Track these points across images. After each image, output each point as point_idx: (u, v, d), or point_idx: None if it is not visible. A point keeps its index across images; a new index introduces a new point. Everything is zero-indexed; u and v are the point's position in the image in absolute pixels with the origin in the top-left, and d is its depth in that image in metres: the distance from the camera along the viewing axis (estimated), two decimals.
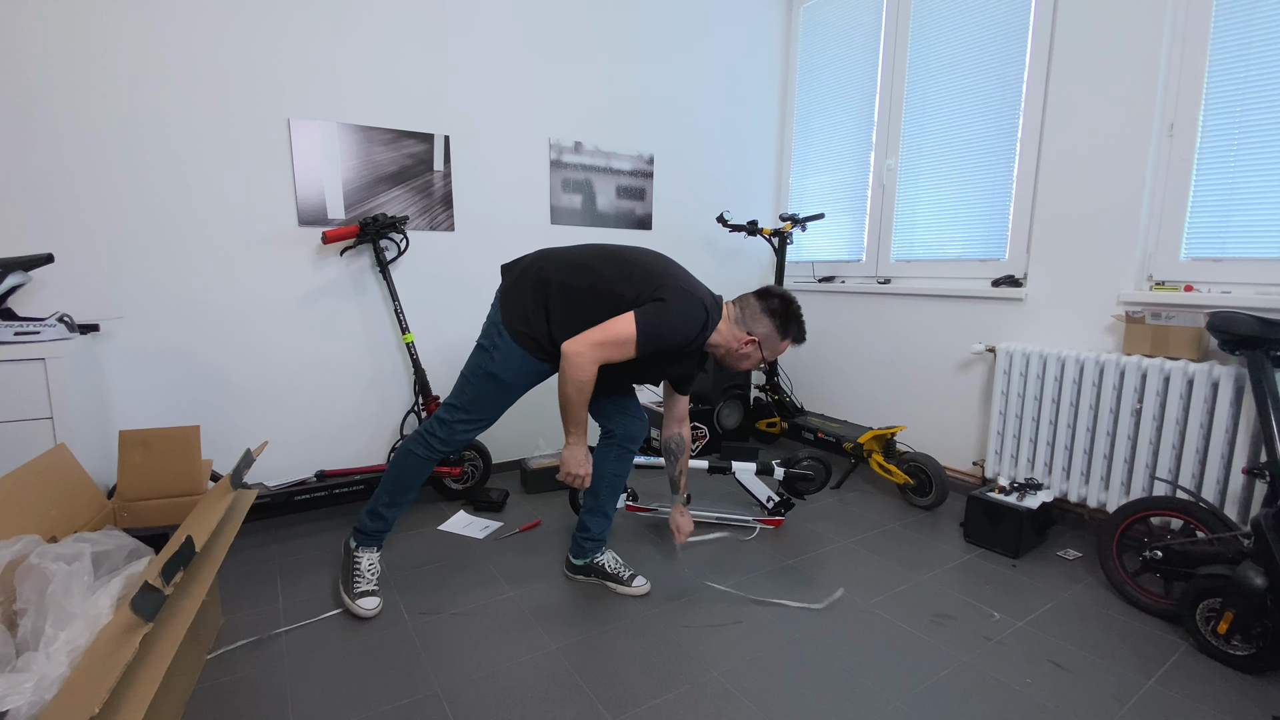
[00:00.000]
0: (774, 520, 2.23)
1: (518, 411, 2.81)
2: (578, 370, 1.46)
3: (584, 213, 2.83)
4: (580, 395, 1.48)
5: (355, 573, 1.70)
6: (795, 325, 1.63)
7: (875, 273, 2.95)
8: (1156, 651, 1.55)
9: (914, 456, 2.45)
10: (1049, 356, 2.18)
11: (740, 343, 1.62)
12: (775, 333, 1.63)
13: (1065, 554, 2.06)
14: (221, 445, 2.22)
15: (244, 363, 2.22)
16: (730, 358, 1.65)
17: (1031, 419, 2.25)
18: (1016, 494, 2.11)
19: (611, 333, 1.46)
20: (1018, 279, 2.38)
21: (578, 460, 1.56)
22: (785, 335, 1.64)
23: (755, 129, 3.29)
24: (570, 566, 1.87)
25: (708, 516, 2.24)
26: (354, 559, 1.73)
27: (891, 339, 2.84)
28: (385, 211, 2.38)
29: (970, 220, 2.55)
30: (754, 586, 1.82)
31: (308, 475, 2.37)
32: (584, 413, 1.52)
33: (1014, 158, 2.37)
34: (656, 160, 2.99)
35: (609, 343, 1.45)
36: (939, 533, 2.22)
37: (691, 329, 1.51)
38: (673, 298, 1.49)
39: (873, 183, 2.93)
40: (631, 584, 1.78)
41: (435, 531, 2.18)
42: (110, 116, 1.93)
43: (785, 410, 3.02)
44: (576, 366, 1.45)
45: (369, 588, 1.68)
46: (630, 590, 1.78)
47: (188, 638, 1.32)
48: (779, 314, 1.62)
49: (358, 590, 1.67)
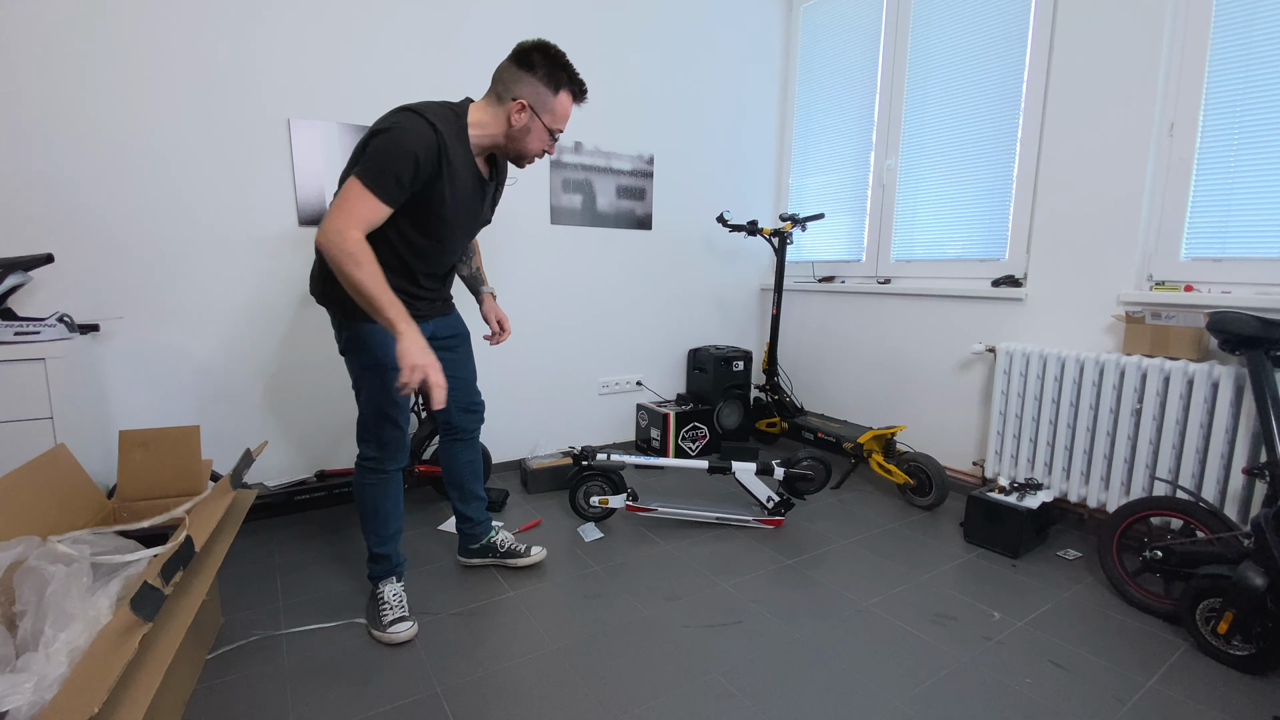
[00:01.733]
0: (774, 520, 2.23)
1: (518, 411, 2.81)
2: (340, 244, 1.23)
3: (584, 213, 2.83)
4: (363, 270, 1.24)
5: (381, 606, 1.60)
6: (564, 72, 1.38)
7: (875, 272, 2.95)
8: (1156, 651, 1.55)
9: (914, 456, 2.45)
10: (1049, 356, 2.18)
11: (509, 117, 1.38)
12: (544, 87, 1.38)
13: (1065, 554, 2.06)
14: (221, 445, 2.21)
15: (244, 363, 2.22)
16: (511, 144, 1.42)
17: (1031, 419, 2.25)
18: (1016, 494, 2.11)
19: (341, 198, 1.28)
20: (1018, 279, 2.38)
21: (412, 351, 1.24)
22: (557, 87, 1.39)
23: (755, 129, 3.29)
24: (465, 552, 1.90)
25: (707, 516, 2.24)
26: (376, 595, 1.64)
27: (891, 339, 2.84)
28: None
29: (970, 220, 2.55)
30: (753, 588, 1.82)
31: (308, 475, 2.37)
32: (384, 289, 1.26)
33: (1014, 157, 2.37)
34: (657, 160, 2.99)
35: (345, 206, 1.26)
36: (939, 533, 2.22)
37: (415, 133, 1.29)
38: (376, 128, 1.30)
39: (873, 182, 2.93)
40: (530, 554, 1.86)
41: (435, 532, 2.18)
42: (110, 115, 1.93)
43: (785, 410, 3.02)
44: (334, 244, 1.24)
45: (398, 615, 1.57)
46: (530, 560, 1.84)
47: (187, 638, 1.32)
48: (540, 65, 1.37)
49: (386, 620, 1.56)
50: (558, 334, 2.87)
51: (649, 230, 3.03)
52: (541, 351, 2.84)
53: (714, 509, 2.26)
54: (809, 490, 2.34)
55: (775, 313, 3.04)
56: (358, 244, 1.25)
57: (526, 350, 2.80)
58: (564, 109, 1.43)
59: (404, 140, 1.29)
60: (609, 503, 2.21)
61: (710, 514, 2.24)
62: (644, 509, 2.24)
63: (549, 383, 2.88)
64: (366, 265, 1.25)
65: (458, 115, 1.39)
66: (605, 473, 2.23)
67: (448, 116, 1.37)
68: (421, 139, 1.30)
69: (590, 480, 2.23)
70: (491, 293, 1.80)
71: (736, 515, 2.23)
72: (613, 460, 2.23)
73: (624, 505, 2.22)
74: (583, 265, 2.88)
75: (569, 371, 2.93)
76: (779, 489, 2.31)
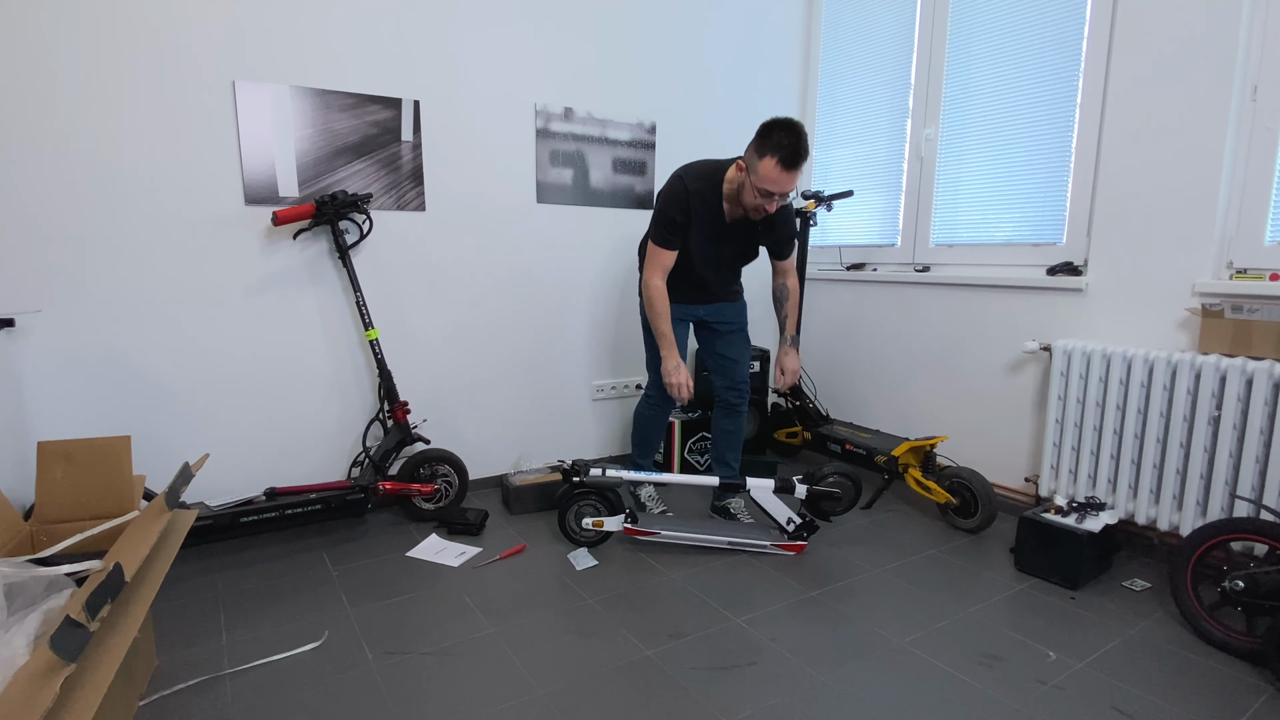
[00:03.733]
0: (795, 546, 2.23)
1: (498, 419, 2.81)
2: (643, 289, 2.19)
3: (575, 189, 2.83)
4: (654, 310, 2.15)
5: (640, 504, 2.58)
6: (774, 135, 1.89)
7: (912, 259, 2.95)
8: (1237, 697, 1.55)
9: (957, 472, 2.45)
10: (1113, 356, 2.18)
11: (738, 176, 2.03)
12: (754, 152, 1.93)
13: (1132, 584, 2.06)
14: (156, 458, 2.22)
15: (182, 364, 2.22)
16: (741, 197, 2.06)
17: (1093, 428, 2.25)
18: (1075, 515, 2.11)
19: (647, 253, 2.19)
20: (1077, 266, 2.38)
21: (668, 370, 2.15)
22: (762, 151, 1.91)
23: (773, 93, 3.30)
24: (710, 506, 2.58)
25: (718, 541, 2.24)
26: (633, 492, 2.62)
27: (931, 336, 2.84)
28: (345, 189, 2.38)
29: (1022, 199, 2.55)
30: (770, 623, 1.82)
31: (255, 493, 2.37)
32: (663, 325, 2.15)
33: (1073, 125, 2.37)
34: (659, 129, 2.99)
35: (648, 258, 2.17)
36: (986, 559, 2.22)
37: (671, 191, 2.11)
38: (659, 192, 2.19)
39: (909, 155, 2.94)
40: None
41: (403, 559, 2.18)
42: (25, 79, 1.93)
43: (808, 418, 3.02)
44: (642, 286, 2.20)
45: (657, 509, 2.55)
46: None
47: (117, 680, 1.32)
48: (760, 132, 1.93)
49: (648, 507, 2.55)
50: (544, 330, 2.87)
51: (650, 210, 3.03)
52: (525, 350, 2.84)
53: (726, 533, 2.26)
54: (836, 511, 2.34)
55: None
56: (651, 285, 2.17)
57: (508, 348, 2.80)
58: (771, 174, 1.93)
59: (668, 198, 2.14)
60: (604, 525, 2.21)
61: (721, 538, 2.24)
62: (644, 532, 2.24)
63: (535, 386, 2.88)
64: (658, 305, 2.16)
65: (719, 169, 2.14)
66: (599, 491, 2.23)
67: (705, 173, 2.13)
68: (676, 192, 2.12)
69: (582, 500, 2.23)
70: (787, 345, 2.35)
71: (752, 540, 2.23)
72: (609, 476, 2.23)
73: (621, 528, 2.22)
74: (573, 250, 2.88)
75: (558, 373, 2.93)
76: (801, 510, 2.32)
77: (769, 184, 1.94)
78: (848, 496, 2.33)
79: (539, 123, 2.71)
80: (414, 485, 2.42)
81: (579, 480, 2.22)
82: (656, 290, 2.14)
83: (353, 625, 1.78)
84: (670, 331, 2.16)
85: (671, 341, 2.15)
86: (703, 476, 2.26)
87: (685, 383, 2.13)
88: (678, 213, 2.11)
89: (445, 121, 2.53)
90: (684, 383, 2.13)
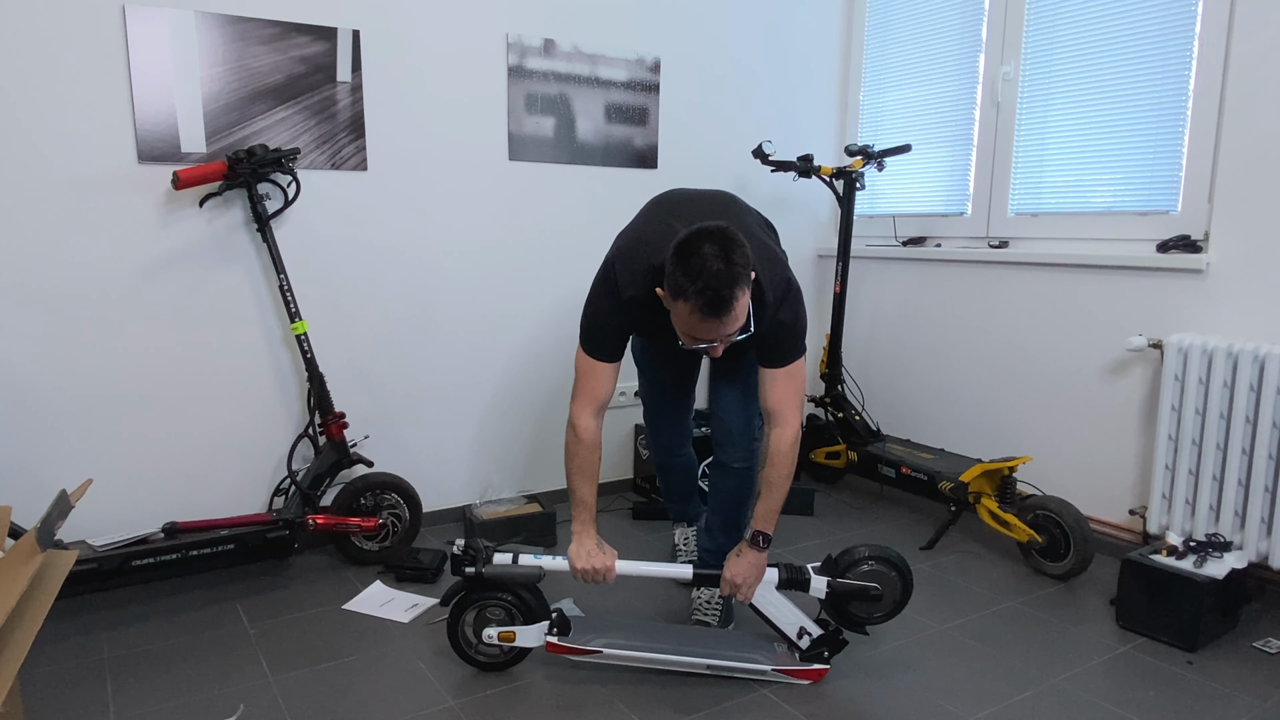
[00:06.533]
0: (811, 672, 1.88)
1: (460, 438, 2.81)
2: (567, 429, 1.91)
3: (558, 144, 2.83)
4: (571, 459, 1.89)
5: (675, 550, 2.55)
6: (689, 267, 1.55)
7: (986, 232, 2.95)
8: None
9: (1043, 502, 2.45)
10: (1241, 354, 2.18)
11: (667, 298, 1.66)
12: (669, 283, 1.61)
13: (1266, 645, 2.05)
14: (25, 485, 2.21)
15: (57, 365, 2.21)
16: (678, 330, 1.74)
17: (1215, 447, 2.25)
18: (1194, 557, 2.10)
19: (575, 365, 1.92)
20: (1196, 241, 2.38)
21: (579, 555, 1.84)
22: (675, 290, 1.60)
23: (809, 19, 3.30)
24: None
25: (693, 664, 1.87)
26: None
27: (1009, 329, 2.84)
28: (265, 142, 2.37)
29: (1126, 156, 2.55)
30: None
31: (152, 530, 2.36)
32: (582, 486, 1.89)
33: (1189, 67, 2.37)
34: (664, 67, 2.98)
35: (576, 376, 1.90)
36: (1080, 613, 2.22)
37: (603, 282, 1.84)
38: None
39: (982, 101, 2.93)
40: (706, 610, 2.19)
41: (339, 612, 2.17)
42: None
43: (853, 434, 3.01)
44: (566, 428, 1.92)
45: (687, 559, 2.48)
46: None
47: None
48: (672, 254, 1.60)
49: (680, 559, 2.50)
50: (516, 322, 2.87)
51: (653, 169, 3.03)
52: (493, 349, 2.84)
53: (705, 650, 1.90)
54: (873, 617, 1.92)
55: (839, 290, 3.03)
56: (583, 435, 1.89)
57: (471, 347, 2.80)
58: (690, 325, 1.64)
59: (597, 294, 1.90)
60: (515, 639, 1.84)
61: (699, 660, 1.86)
62: (577, 649, 1.86)
63: (506, 394, 2.88)
64: (578, 458, 1.91)
65: (657, 271, 1.78)
66: (508, 586, 1.87)
67: (642, 271, 1.79)
68: (602, 291, 1.87)
69: (484, 601, 1.87)
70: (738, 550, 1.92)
71: (743, 663, 1.88)
72: (522, 564, 1.85)
73: (542, 643, 1.85)
74: (555, 220, 2.88)
75: (534, 378, 2.93)
76: (820, 614, 1.92)
77: (693, 332, 1.66)
78: (890, 593, 1.88)
79: (512, 58, 2.71)
80: (353, 520, 2.41)
81: (474, 571, 1.82)
82: (581, 436, 1.86)
83: (275, 698, 1.78)
84: (590, 499, 1.89)
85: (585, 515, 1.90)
86: (669, 566, 1.99)
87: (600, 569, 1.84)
88: (611, 314, 1.84)
89: (392, 57, 2.53)
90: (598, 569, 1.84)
